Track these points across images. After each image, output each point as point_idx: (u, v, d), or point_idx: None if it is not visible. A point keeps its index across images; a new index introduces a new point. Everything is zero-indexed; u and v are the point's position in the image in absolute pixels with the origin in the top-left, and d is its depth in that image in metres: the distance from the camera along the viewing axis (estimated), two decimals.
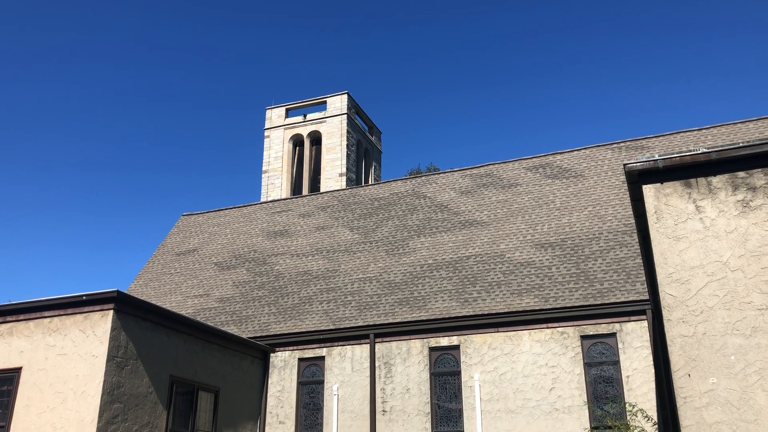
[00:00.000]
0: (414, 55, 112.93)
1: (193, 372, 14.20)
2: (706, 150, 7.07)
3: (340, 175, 42.25)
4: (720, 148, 7.01)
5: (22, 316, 12.63)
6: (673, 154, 7.20)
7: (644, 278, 14.89)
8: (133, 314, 12.59)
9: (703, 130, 20.37)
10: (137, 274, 24.22)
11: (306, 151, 44.59)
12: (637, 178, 7.44)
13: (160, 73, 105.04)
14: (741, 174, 6.97)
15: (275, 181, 43.53)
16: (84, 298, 12.16)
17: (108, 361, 11.72)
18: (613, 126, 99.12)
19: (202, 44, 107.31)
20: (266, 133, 45.60)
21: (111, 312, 12.05)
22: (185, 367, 13.95)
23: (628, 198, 16.11)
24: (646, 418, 12.80)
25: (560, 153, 21.84)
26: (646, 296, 14.73)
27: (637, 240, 16.45)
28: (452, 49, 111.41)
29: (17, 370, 12.24)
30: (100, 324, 12.01)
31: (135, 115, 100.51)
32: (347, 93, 44.58)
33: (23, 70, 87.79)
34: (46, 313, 12.46)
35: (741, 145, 6.94)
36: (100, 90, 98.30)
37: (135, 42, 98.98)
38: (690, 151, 7.14)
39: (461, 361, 16.12)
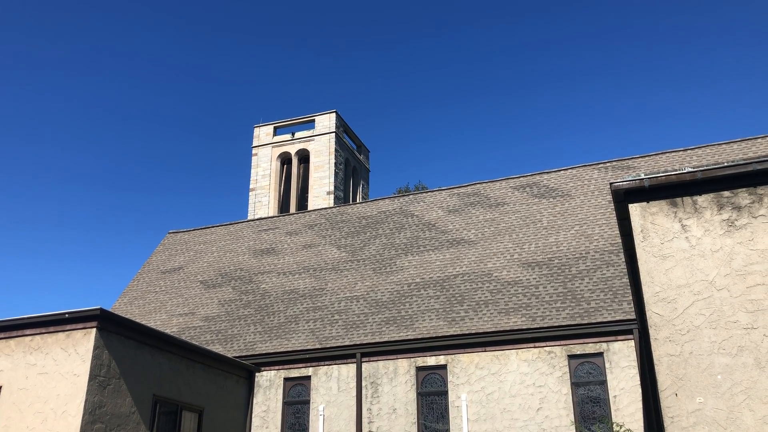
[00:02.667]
0: (402, 75, 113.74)
1: (176, 391, 14.01)
2: (692, 169, 7.10)
3: (328, 193, 42.21)
4: (705, 168, 7.05)
5: (2, 334, 12.42)
6: (659, 173, 7.22)
7: (631, 297, 14.91)
8: (116, 332, 12.41)
9: (689, 151, 20.57)
10: (122, 291, 23.99)
11: (294, 169, 44.54)
12: (623, 197, 7.46)
13: (149, 90, 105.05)
14: (726, 193, 7.00)
15: (262, 199, 43.41)
16: (66, 315, 11.98)
17: (90, 380, 11.53)
18: (599, 146, 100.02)
19: (190, 62, 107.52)
20: (254, 151, 45.55)
21: (94, 330, 11.87)
22: (169, 386, 13.76)
23: (615, 217, 16.17)
24: None
25: (547, 172, 21.96)
26: (632, 315, 14.74)
27: (623, 259, 16.50)
28: (439, 68, 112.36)
29: None
30: (83, 342, 11.83)
31: (120, 130, 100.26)
32: (335, 111, 44.69)
33: (8, 78, 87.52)
34: (28, 331, 12.26)
35: (726, 164, 6.98)
36: (86, 105, 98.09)
37: (123, 57, 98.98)
38: (676, 170, 7.17)
39: (448, 380, 16.02)
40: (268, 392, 17.71)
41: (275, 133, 45.82)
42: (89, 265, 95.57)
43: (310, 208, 40.91)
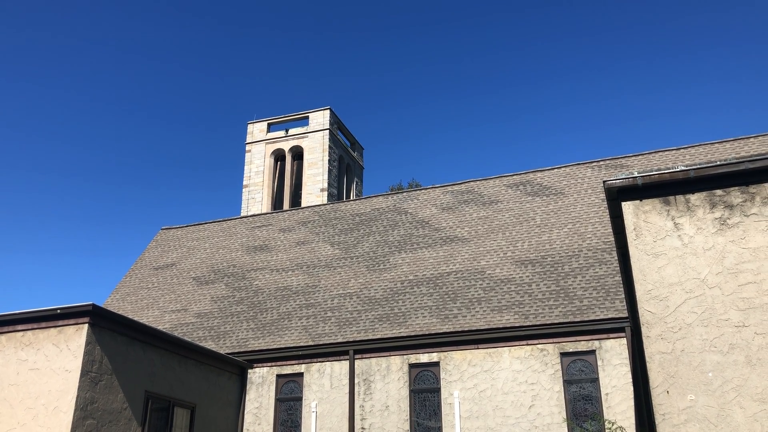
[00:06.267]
0: (396, 72, 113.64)
1: (169, 388, 13.98)
2: (684, 168, 7.12)
3: (322, 190, 42.17)
4: (698, 166, 7.08)
5: None
6: (651, 171, 7.24)
7: (623, 296, 14.97)
8: (108, 328, 12.38)
9: (682, 150, 20.64)
10: (114, 287, 23.91)
11: (287, 165, 44.47)
12: (616, 195, 7.48)
13: (142, 86, 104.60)
14: (718, 192, 7.03)
15: (256, 196, 43.33)
16: (58, 311, 11.93)
17: (82, 376, 11.49)
18: (592, 144, 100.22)
19: (184, 57, 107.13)
20: (247, 147, 45.44)
21: (86, 326, 11.83)
22: (161, 382, 13.74)
23: (608, 216, 16.23)
24: None
25: (540, 171, 21.99)
26: (625, 314, 14.80)
27: (616, 258, 16.56)
28: (434, 66, 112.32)
29: None
30: (75, 338, 11.79)
31: (113, 126, 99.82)
32: (329, 108, 44.62)
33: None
34: (19, 327, 12.20)
35: (718, 163, 7.01)
36: (79, 100, 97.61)
37: (116, 53, 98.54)
38: (668, 168, 7.20)
39: (441, 377, 16.05)
40: (261, 389, 17.70)
41: (269, 130, 45.72)
42: (81, 261, 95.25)
43: (303, 205, 40.85)
